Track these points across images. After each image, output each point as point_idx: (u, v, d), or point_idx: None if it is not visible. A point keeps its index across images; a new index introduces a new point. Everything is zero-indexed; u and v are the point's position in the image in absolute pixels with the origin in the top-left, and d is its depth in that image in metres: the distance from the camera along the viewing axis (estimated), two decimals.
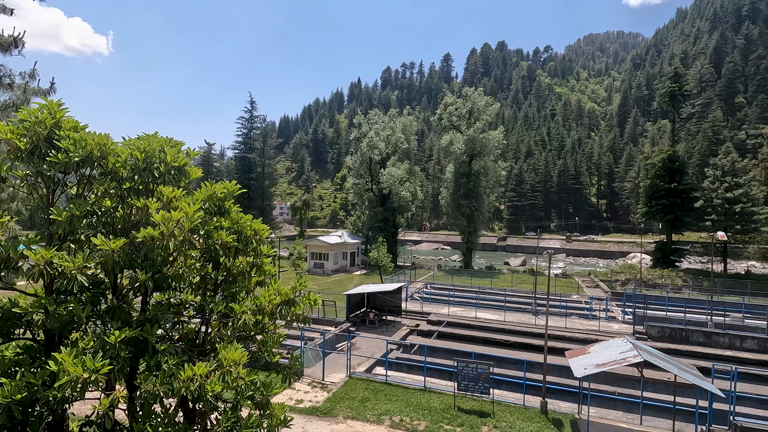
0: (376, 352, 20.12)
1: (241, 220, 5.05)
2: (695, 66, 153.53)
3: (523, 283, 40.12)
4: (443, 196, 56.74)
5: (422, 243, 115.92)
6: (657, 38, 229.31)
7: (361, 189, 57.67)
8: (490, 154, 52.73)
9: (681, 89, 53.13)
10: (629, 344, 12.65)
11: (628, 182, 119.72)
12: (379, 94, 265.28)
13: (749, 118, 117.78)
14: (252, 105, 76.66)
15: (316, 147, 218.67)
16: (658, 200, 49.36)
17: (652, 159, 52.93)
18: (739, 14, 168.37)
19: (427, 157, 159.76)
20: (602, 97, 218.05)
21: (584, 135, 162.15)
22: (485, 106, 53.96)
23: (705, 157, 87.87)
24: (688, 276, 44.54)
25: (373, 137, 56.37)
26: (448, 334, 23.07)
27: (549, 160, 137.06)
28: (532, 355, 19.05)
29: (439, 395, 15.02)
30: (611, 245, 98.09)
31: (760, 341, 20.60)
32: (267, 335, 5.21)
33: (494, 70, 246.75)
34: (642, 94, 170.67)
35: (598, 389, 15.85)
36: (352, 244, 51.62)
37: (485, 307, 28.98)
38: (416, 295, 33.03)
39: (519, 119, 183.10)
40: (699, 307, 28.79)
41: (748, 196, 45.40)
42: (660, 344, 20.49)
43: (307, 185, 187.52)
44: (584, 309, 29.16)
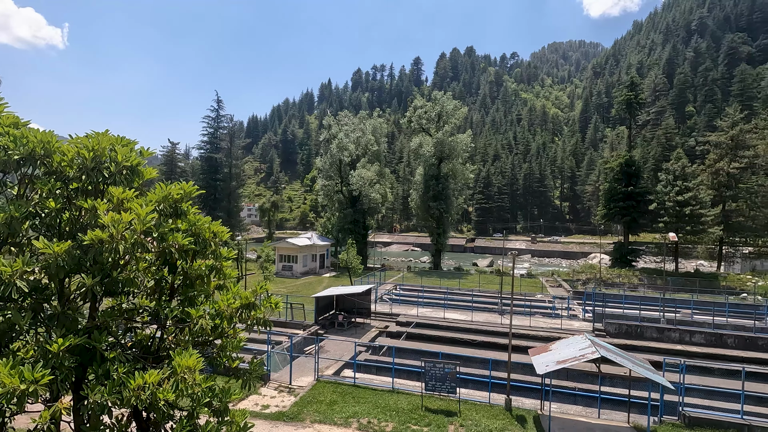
0: (345, 355, 20.00)
1: (199, 222, 4.89)
2: (650, 76, 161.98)
3: (490, 283, 40.99)
4: (413, 198, 57.21)
5: (392, 245, 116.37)
6: (615, 48, 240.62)
7: (331, 191, 57.32)
8: (459, 157, 53.64)
9: (637, 98, 55.91)
10: (588, 341, 13.15)
11: (589, 185, 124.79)
12: (349, 96, 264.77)
13: (698, 126, 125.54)
14: (218, 104, 74.74)
15: (285, 148, 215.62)
16: (616, 203, 51.68)
17: (610, 164, 55.40)
18: (689, 28, 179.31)
19: (398, 159, 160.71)
20: (565, 103, 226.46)
21: (548, 140, 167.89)
22: (454, 109, 54.88)
23: (659, 162, 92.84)
24: (644, 275, 46.85)
25: (343, 139, 56.16)
26: (417, 335, 23.23)
27: (515, 163, 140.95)
28: (497, 353, 19.48)
29: (407, 396, 15.09)
30: (573, 246, 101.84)
31: (707, 336, 21.91)
32: (226, 340, 5.06)
33: (463, 75, 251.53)
34: (602, 101, 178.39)
35: (560, 385, 16.39)
36: (321, 246, 51.16)
37: (453, 307, 29.39)
38: (386, 297, 33.09)
39: (487, 123, 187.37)
40: (653, 305, 30.31)
41: (697, 199, 48.26)
42: (617, 340, 21.42)
43: (276, 186, 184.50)
44: (548, 308, 30.10)
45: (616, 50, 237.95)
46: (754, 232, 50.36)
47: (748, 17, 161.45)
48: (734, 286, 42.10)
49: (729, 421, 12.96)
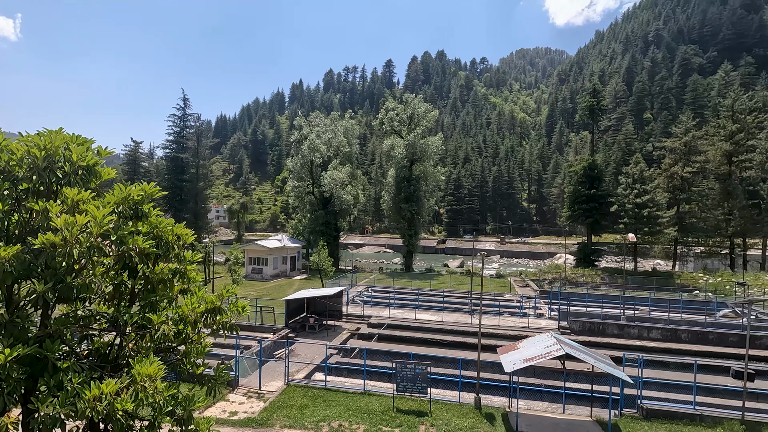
0: (316, 358, 19.79)
1: (162, 225, 4.71)
2: (611, 83, 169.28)
3: (460, 284, 41.61)
4: (385, 200, 57.39)
5: (364, 246, 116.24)
6: (579, 56, 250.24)
7: (302, 192, 56.68)
8: (430, 160, 54.25)
9: (599, 104, 58.33)
10: (553, 339, 13.57)
11: (555, 188, 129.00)
12: (321, 97, 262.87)
13: (655, 132, 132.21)
14: (185, 102, 72.48)
15: (255, 148, 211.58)
16: (580, 205, 53.67)
17: (574, 167, 57.49)
18: (646, 39, 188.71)
19: (370, 160, 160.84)
20: (532, 108, 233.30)
21: (516, 143, 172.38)
22: (425, 112, 55.48)
23: (619, 166, 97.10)
24: (606, 274, 48.84)
25: (314, 140, 55.67)
26: (389, 336, 23.28)
27: (485, 166, 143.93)
28: (468, 353, 19.77)
29: (379, 397, 15.09)
30: (540, 246, 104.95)
31: (663, 331, 23.07)
32: (190, 346, 4.90)
33: (434, 78, 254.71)
34: (567, 106, 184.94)
35: (527, 382, 16.82)
36: (292, 248, 50.48)
37: (424, 308, 29.65)
38: (357, 299, 32.99)
39: (457, 126, 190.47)
40: (614, 303, 31.63)
41: (654, 202, 50.80)
42: (581, 337, 22.21)
43: (246, 187, 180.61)
44: (516, 307, 30.86)
45: (579, 58, 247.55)
46: (705, 233, 53.48)
47: (699, 31, 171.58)
48: (688, 283, 44.52)
49: (683, 412, 13.68)
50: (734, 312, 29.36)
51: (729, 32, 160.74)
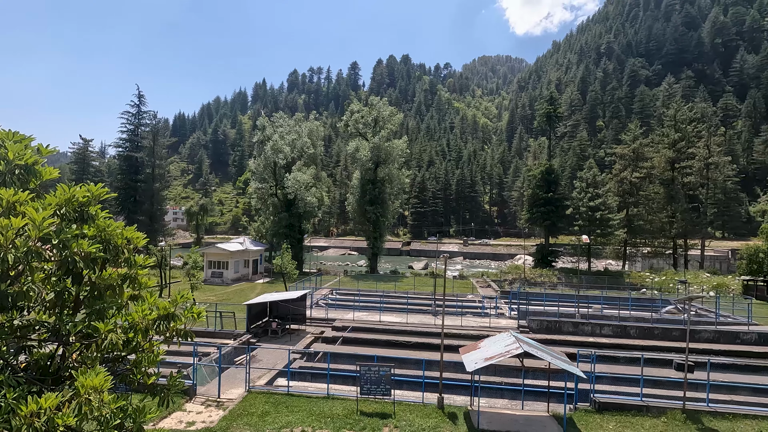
0: (279, 363, 19.40)
1: (110, 228, 4.45)
2: (567, 92, 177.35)
3: (425, 285, 42.10)
4: (350, 202, 57.23)
5: (329, 249, 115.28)
6: (538, 65, 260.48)
7: (265, 194, 55.49)
8: (395, 162, 54.64)
9: (555, 111, 61.00)
10: (512, 338, 13.99)
11: (515, 191, 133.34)
12: (285, 97, 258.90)
13: (607, 139, 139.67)
14: (140, 99, 69.19)
15: (216, 148, 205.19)
16: (538, 208, 55.80)
17: (533, 171, 59.74)
18: (599, 51, 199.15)
19: (335, 162, 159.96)
20: (494, 113, 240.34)
21: (479, 147, 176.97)
22: (390, 115, 55.87)
23: (574, 170, 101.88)
24: (562, 274, 50.96)
25: (278, 141, 54.69)
26: (353, 339, 23.18)
27: (448, 169, 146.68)
28: (431, 354, 20.02)
29: (343, 401, 14.98)
30: (501, 248, 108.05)
31: (614, 328, 24.33)
32: (141, 354, 4.66)
33: (399, 82, 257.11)
34: (526, 113, 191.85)
35: (488, 381, 17.24)
36: (254, 251, 49.28)
37: (389, 310, 29.75)
38: (322, 302, 32.64)
39: (422, 130, 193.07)
40: (569, 301, 33.03)
41: (606, 205, 53.63)
42: (539, 335, 23.03)
43: (206, 189, 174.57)
44: (478, 307, 31.57)
45: (538, 66, 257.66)
46: (651, 234, 57.01)
47: (645, 45, 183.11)
48: (636, 282, 47.24)
49: (631, 403, 14.48)
50: (677, 308, 31.42)
51: (672, 47, 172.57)
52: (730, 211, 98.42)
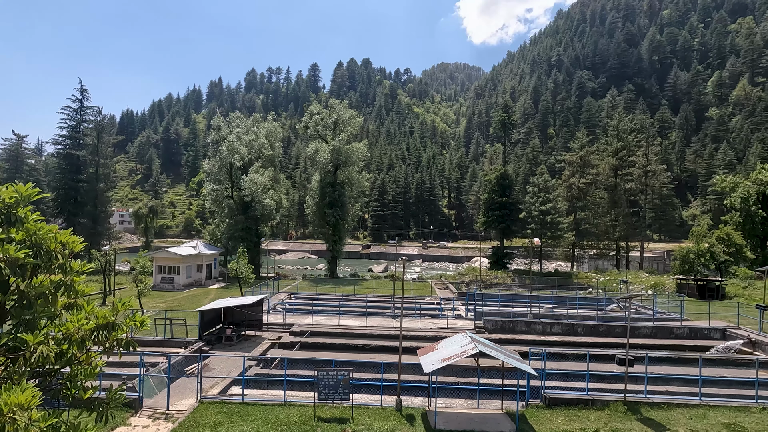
0: (233, 371, 18.75)
1: (41, 231, 4.12)
2: (520, 101, 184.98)
3: (384, 288, 42.25)
4: (309, 205, 56.50)
5: (288, 252, 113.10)
6: (493, 74, 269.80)
7: (220, 196, 53.60)
8: (355, 165, 54.58)
9: (510, 119, 63.44)
10: (468, 338, 14.33)
11: (472, 195, 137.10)
12: (242, 97, 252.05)
13: (557, 147, 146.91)
14: (82, 93, 64.83)
15: (167, 148, 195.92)
16: (494, 211, 57.66)
17: (489, 176, 61.72)
18: (550, 63, 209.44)
19: (294, 164, 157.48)
20: (452, 119, 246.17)
21: (438, 152, 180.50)
22: (350, 118, 55.78)
23: (527, 176, 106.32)
24: (516, 275, 52.90)
25: (234, 141, 53.05)
26: (312, 344, 22.83)
27: (408, 173, 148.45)
28: (390, 356, 20.09)
29: (300, 408, 14.70)
30: (459, 251, 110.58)
31: (564, 326, 25.54)
32: (76, 367, 4.33)
33: (360, 85, 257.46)
34: (482, 120, 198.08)
35: (445, 381, 17.55)
36: (208, 255, 47.43)
37: (348, 314, 29.59)
38: (279, 307, 31.93)
39: (382, 134, 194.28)
40: (522, 302, 34.31)
41: (556, 209, 56.35)
42: (494, 335, 23.73)
43: (156, 190, 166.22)
44: (436, 309, 32.11)
45: (494, 75, 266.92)
46: (597, 237, 60.50)
47: (592, 59, 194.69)
48: (583, 282, 49.87)
49: (578, 398, 15.24)
50: (619, 306, 33.47)
51: (615, 62, 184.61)
52: (666, 216, 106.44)
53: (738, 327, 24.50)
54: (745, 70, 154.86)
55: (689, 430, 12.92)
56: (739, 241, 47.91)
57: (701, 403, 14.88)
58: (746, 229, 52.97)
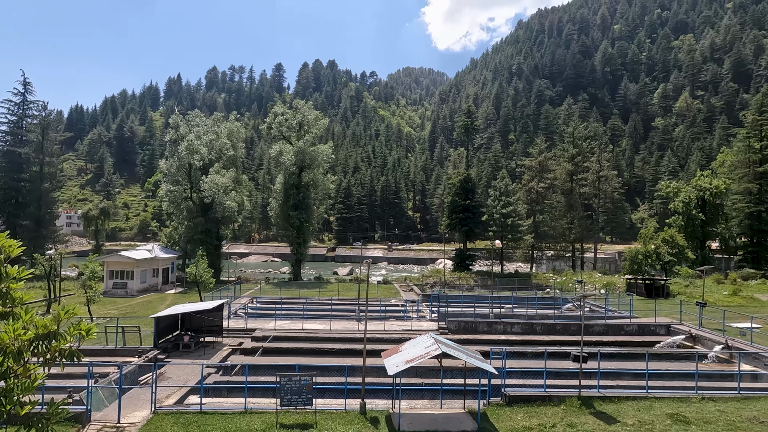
0: (191, 380, 18.02)
1: None
2: (483, 106, 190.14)
3: (349, 291, 42.02)
4: (272, 207, 55.41)
5: (250, 255, 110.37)
6: (457, 79, 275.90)
7: (179, 197, 51.53)
8: (320, 167, 54.10)
9: (473, 124, 65.07)
10: (432, 339, 14.51)
11: (436, 198, 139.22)
12: (203, 95, 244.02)
13: (517, 152, 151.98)
14: (25, 86, 60.47)
15: (121, 146, 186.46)
16: (457, 214, 58.83)
17: (452, 180, 62.95)
18: (510, 71, 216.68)
19: (257, 166, 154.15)
20: (417, 123, 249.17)
21: (403, 155, 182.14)
22: (315, 119, 55.27)
23: (489, 180, 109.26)
24: (478, 277, 54.16)
25: (193, 141, 51.21)
26: (274, 349, 22.35)
27: (374, 176, 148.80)
28: (355, 359, 19.98)
29: (261, 415, 14.33)
30: (424, 253, 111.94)
31: (523, 325, 26.38)
32: (12, 381, 4.01)
33: (325, 87, 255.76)
34: (447, 124, 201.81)
35: (409, 383, 17.66)
36: (165, 259, 45.47)
37: (313, 317, 29.20)
38: (241, 312, 31.06)
39: (348, 136, 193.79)
40: (484, 302, 35.11)
41: (516, 213, 58.24)
42: (457, 336, 24.15)
43: (108, 191, 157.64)
44: (400, 311, 32.29)
45: (458, 81, 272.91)
46: (554, 239, 63.04)
47: (550, 68, 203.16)
48: (541, 283, 51.77)
49: (536, 395, 15.77)
50: (574, 305, 34.98)
51: (571, 72, 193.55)
52: (617, 219, 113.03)
53: (681, 323, 26.21)
54: (686, 83, 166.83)
55: (637, 421, 13.66)
56: (682, 243, 51.40)
57: (648, 396, 15.78)
58: (688, 231, 56.96)
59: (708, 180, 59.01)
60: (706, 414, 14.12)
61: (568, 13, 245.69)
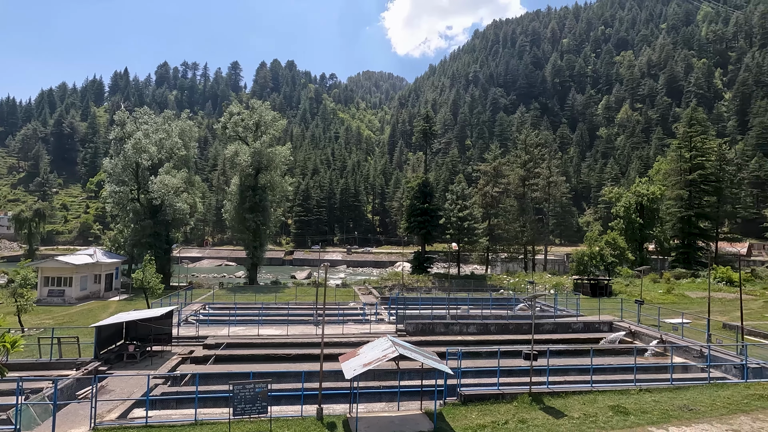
0: (136, 392, 17.02)
1: None
2: (441, 112, 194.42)
3: (307, 295, 41.39)
4: (227, 210, 53.60)
5: (203, 260, 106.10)
6: (416, 84, 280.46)
7: (125, 198, 48.63)
8: (278, 169, 53.04)
9: (431, 129, 66.30)
10: (389, 342, 14.59)
11: (395, 202, 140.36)
12: (153, 92, 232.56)
13: (473, 157, 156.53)
14: None
15: (59, 143, 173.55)
16: (416, 217, 59.60)
17: (411, 183, 63.79)
18: (467, 78, 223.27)
19: (211, 166, 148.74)
20: (377, 126, 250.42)
21: (362, 158, 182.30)
22: (273, 120, 54.16)
23: (447, 184, 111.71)
24: (436, 279, 55.09)
25: (142, 139, 48.57)
26: (228, 356, 21.58)
27: (333, 178, 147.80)
28: (312, 365, 19.67)
29: (212, 426, 13.78)
30: (383, 256, 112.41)
31: (478, 326, 27.13)
32: None
33: (284, 88, 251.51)
34: (406, 128, 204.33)
35: (367, 386, 17.65)
36: (108, 264, 42.75)
37: (269, 323, 28.51)
38: (192, 319, 29.76)
39: (307, 138, 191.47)
40: (441, 304, 35.80)
41: (472, 216, 59.86)
42: (415, 338, 24.44)
43: (44, 190, 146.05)
44: (359, 314, 32.23)
45: (417, 86, 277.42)
46: (508, 242, 65.39)
47: (504, 77, 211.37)
48: (496, 284, 53.49)
49: (490, 393, 16.25)
50: (526, 305, 36.44)
51: (523, 82, 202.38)
52: (566, 222, 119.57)
53: (622, 320, 28.00)
54: (627, 96, 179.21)
55: (582, 414, 14.42)
56: (623, 245, 55.04)
57: (592, 390, 16.70)
58: (628, 234, 61.07)
59: (645, 186, 63.59)
60: (644, 404, 15.15)
61: (521, 25, 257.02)
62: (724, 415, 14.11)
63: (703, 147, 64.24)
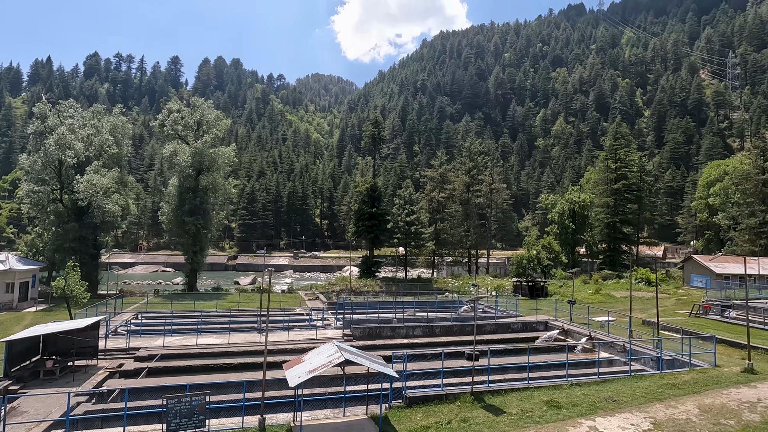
0: (55, 411, 15.47)
1: None
2: (390, 118, 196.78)
3: (251, 301, 39.98)
4: (164, 212, 50.49)
5: (137, 266, 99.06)
6: (366, 90, 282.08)
7: (45, 199, 44.15)
8: (221, 170, 50.91)
9: (380, 134, 66.90)
10: (335, 347, 14.47)
11: (344, 206, 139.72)
12: (80, 84, 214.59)
13: (421, 163, 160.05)
14: None
15: None
16: (364, 222, 59.76)
17: (359, 188, 63.90)
18: (416, 86, 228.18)
19: (147, 166, 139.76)
20: (326, 130, 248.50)
21: (311, 161, 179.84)
22: (216, 119, 51.94)
23: (395, 189, 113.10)
24: (383, 283, 55.47)
25: (66, 134, 44.46)
26: (163, 368, 20.27)
27: (280, 181, 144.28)
28: (255, 374, 19.00)
29: None
30: (331, 260, 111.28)
31: (424, 328, 27.65)
32: None
33: (229, 86, 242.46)
34: (355, 133, 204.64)
35: (312, 393, 17.35)
36: (23, 271, 38.66)
37: (209, 331, 27.17)
38: (122, 329, 27.65)
39: (253, 139, 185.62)
40: (388, 308, 36.06)
41: (419, 221, 61.07)
42: (362, 342, 24.42)
43: None
44: (305, 320, 31.63)
45: (366, 91, 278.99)
46: (453, 246, 67.39)
47: (450, 87, 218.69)
48: (441, 287, 54.87)
49: (434, 394, 16.60)
50: (469, 307, 37.74)
51: (468, 92, 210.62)
52: (507, 227, 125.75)
53: (556, 319, 29.82)
54: (561, 110, 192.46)
55: (520, 410, 15.16)
56: (557, 249, 58.80)
57: (529, 386, 17.60)
58: (562, 238, 65.40)
59: (577, 194, 68.50)
60: (574, 398, 16.22)
61: (466, 37, 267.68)
62: (643, 404, 15.47)
63: (626, 159, 70.51)
